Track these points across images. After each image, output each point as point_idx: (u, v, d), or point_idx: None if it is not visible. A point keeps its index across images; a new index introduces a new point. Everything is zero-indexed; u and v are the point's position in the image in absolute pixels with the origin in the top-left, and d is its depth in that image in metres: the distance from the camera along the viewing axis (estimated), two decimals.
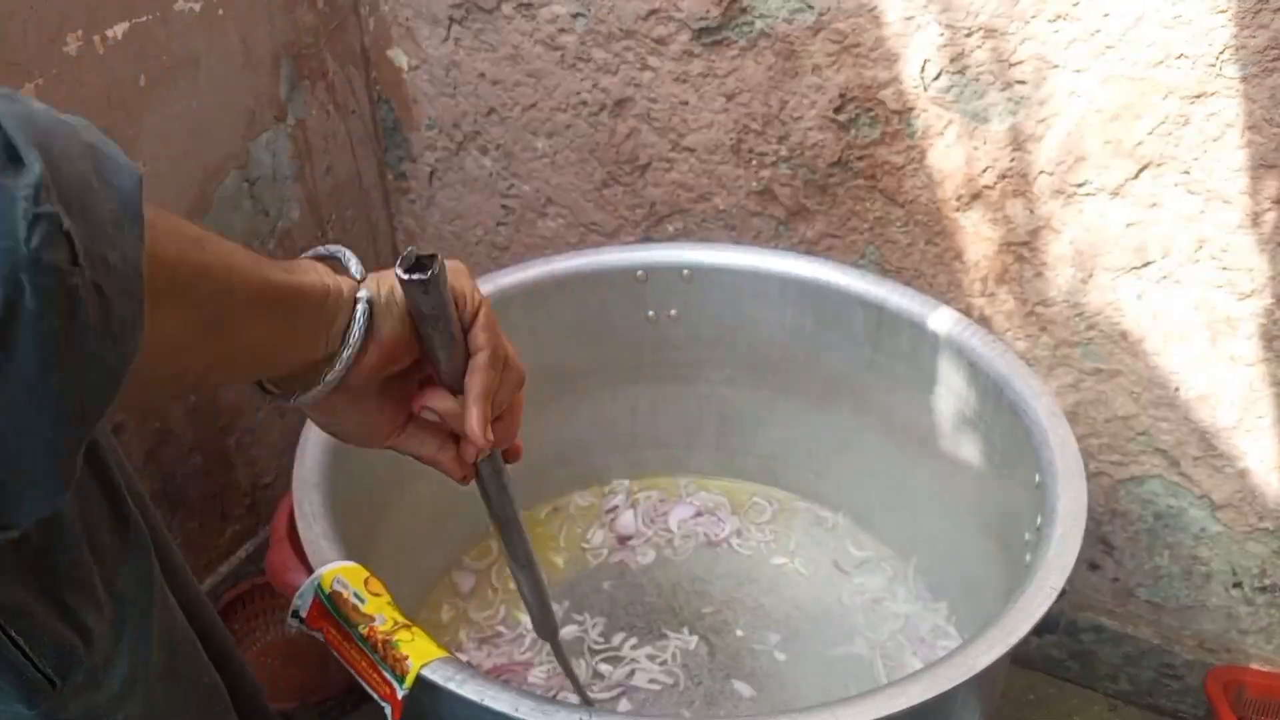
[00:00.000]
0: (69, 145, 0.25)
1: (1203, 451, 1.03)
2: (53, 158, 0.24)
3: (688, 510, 1.20)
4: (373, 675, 0.68)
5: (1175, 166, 0.92)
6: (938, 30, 0.96)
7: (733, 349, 1.14)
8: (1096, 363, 1.05)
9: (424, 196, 1.37)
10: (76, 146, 0.26)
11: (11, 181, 0.23)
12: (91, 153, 0.26)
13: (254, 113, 1.14)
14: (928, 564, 1.10)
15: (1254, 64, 0.85)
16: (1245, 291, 0.95)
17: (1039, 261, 1.02)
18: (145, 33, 0.97)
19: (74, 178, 0.24)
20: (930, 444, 1.04)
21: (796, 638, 1.05)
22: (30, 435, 0.24)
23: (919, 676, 0.66)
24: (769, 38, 1.04)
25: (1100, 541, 1.14)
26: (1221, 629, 1.12)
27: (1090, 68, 0.91)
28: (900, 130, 1.02)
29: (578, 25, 1.13)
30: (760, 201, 1.14)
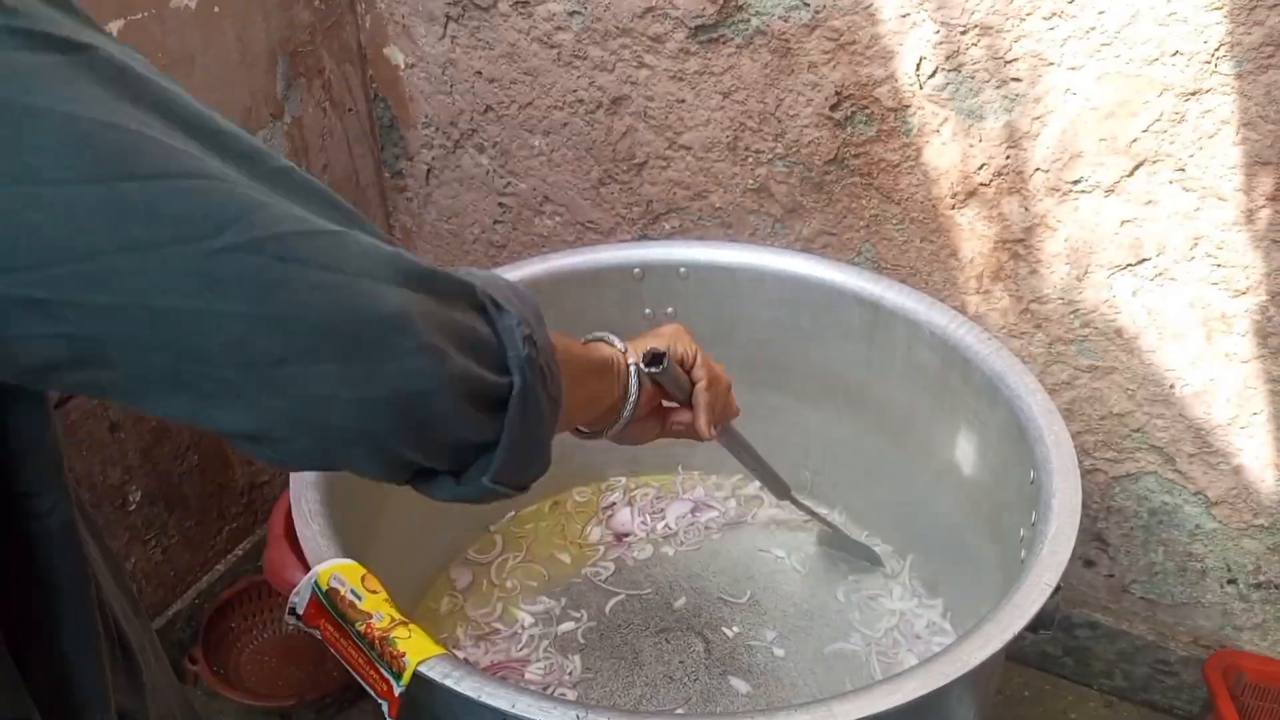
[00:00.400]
0: (507, 290, 0.44)
1: (1198, 448, 1.04)
2: (511, 303, 0.43)
3: (684, 507, 1.20)
4: (370, 672, 0.68)
5: (1170, 164, 0.92)
6: (933, 28, 0.96)
7: (729, 346, 1.14)
8: (1091, 360, 1.05)
9: (421, 194, 1.37)
10: (508, 289, 0.44)
11: (507, 321, 0.42)
12: (512, 289, 0.45)
13: (250, 110, 1.14)
14: (923, 560, 1.11)
15: (1249, 61, 0.86)
16: (1240, 288, 0.95)
17: (1034, 259, 1.03)
18: (140, 30, 0.97)
19: (521, 308, 0.43)
20: (925, 441, 1.05)
21: (792, 634, 1.05)
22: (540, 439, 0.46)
23: (914, 672, 0.66)
24: (765, 35, 1.04)
25: (1095, 538, 1.14)
26: (1216, 625, 1.12)
27: (1085, 65, 0.91)
28: (896, 128, 1.03)
29: (574, 23, 1.13)
30: (756, 199, 1.15)
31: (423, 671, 0.65)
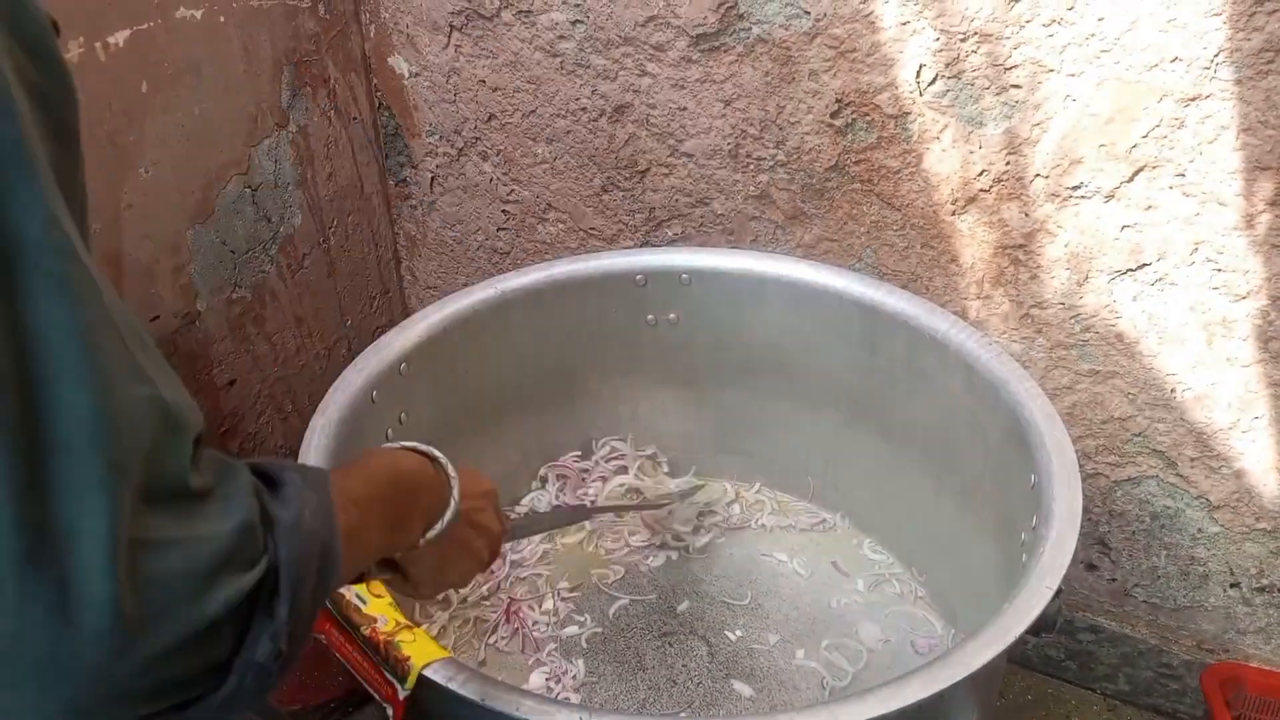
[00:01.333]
0: (311, 564, 0.40)
1: (1199, 452, 1.04)
2: (297, 591, 0.39)
3: (691, 510, 1.21)
4: (375, 676, 0.69)
5: (1170, 169, 0.93)
6: (933, 35, 0.96)
7: (731, 352, 1.15)
8: (1093, 364, 1.05)
9: (425, 202, 1.38)
10: (313, 560, 0.40)
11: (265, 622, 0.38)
12: (323, 555, 0.41)
13: (256, 119, 1.15)
14: (925, 564, 1.11)
15: (1248, 67, 0.86)
16: (1241, 293, 0.95)
17: (1035, 264, 1.03)
18: (147, 40, 0.98)
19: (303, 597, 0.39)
20: (927, 446, 1.05)
21: (795, 638, 1.05)
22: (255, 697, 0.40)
23: (916, 675, 0.66)
24: (766, 44, 1.05)
25: (1098, 542, 1.14)
26: (1219, 629, 1.13)
27: (1085, 71, 0.92)
28: (896, 134, 1.03)
29: (577, 32, 1.14)
30: (758, 206, 1.15)
31: (427, 675, 0.66)
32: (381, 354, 0.96)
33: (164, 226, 1.06)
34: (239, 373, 1.20)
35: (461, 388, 1.06)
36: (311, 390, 1.30)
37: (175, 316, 1.10)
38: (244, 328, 1.19)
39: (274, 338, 1.24)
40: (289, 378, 1.28)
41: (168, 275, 1.08)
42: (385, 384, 0.95)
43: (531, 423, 1.18)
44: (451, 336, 1.03)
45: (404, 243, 1.44)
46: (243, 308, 1.18)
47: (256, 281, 1.20)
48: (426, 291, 1.47)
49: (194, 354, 1.13)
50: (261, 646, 0.38)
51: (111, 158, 0.98)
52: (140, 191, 1.01)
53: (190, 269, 1.10)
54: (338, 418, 0.88)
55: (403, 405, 0.98)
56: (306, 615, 0.40)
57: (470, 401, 1.08)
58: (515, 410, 1.13)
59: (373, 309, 1.43)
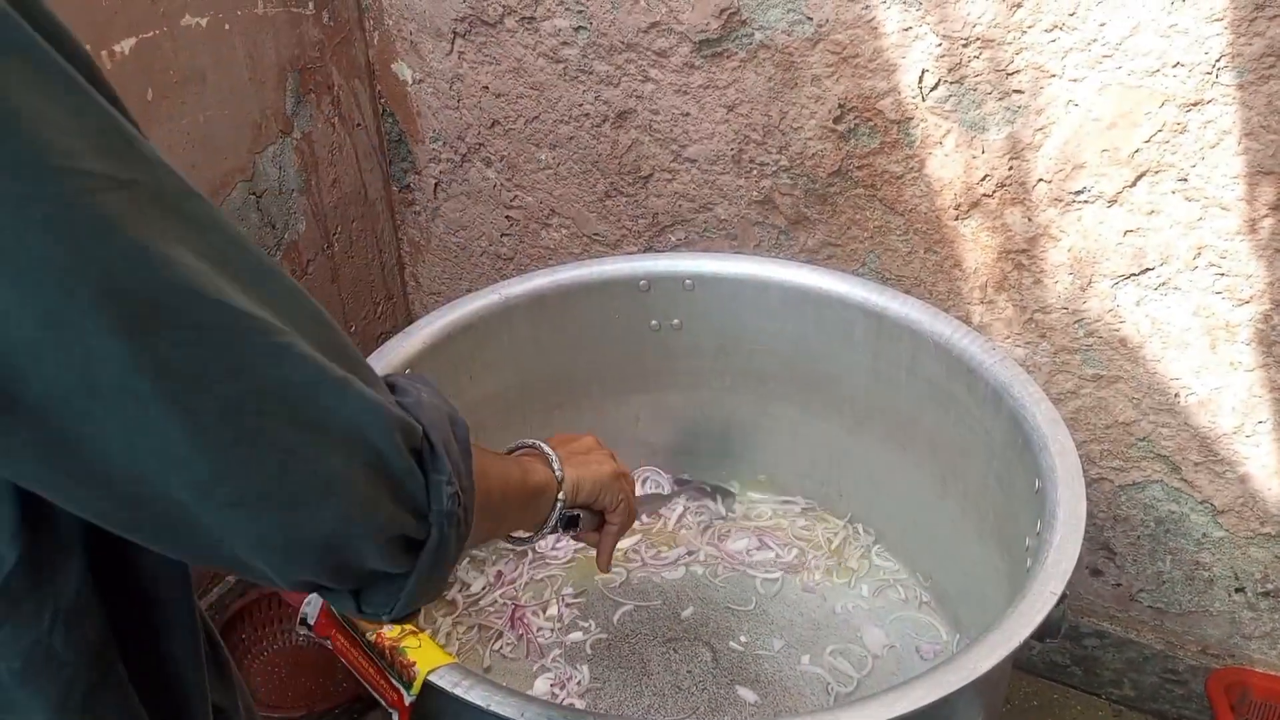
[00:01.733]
0: (446, 428, 0.45)
1: (1203, 457, 1.04)
2: (448, 447, 0.45)
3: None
4: (380, 681, 0.69)
5: (1173, 174, 0.93)
6: (935, 41, 0.97)
7: (734, 357, 1.15)
8: (1096, 369, 1.05)
9: (429, 208, 1.39)
10: (447, 425, 0.46)
11: (438, 474, 0.44)
12: (451, 422, 0.46)
13: (260, 126, 1.15)
14: (930, 569, 1.11)
15: (1250, 71, 0.86)
16: (1244, 297, 0.95)
17: (1038, 269, 1.03)
18: (152, 47, 0.99)
19: (453, 454, 0.45)
20: (931, 451, 1.05)
21: (800, 644, 1.05)
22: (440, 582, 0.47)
23: (920, 680, 0.66)
24: (768, 49, 1.05)
25: (1102, 547, 1.14)
26: (1225, 634, 1.12)
27: (1087, 77, 0.92)
28: (899, 140, 1.03)
29: (580, 38, 1.14)
30: (761, 211, 1.15)
31: (433, 681, 0.66)
32: (385, 360, 0.96)
33: None
34: None
35: (465, 393, 1.06)
36: None
37: None
38: None
39: None
40: None
41: None
42: None
43: (535, 428, 1.18)
44: (455, 342, 1.03)
45: (408, 248, 1.45)
46: None
47: None
48: (430, 297, 1.47)
49: None
50: (444, 492, 0.43)
51: None
52: None
53: None
54: None
55: None
56: (463, 469, 0.46)
57: (474, 407, 1.08)
58: (518, 416, 1.13)
59: (376, 315, 1.43)
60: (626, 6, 1.09)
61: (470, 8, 1.18)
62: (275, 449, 0.37)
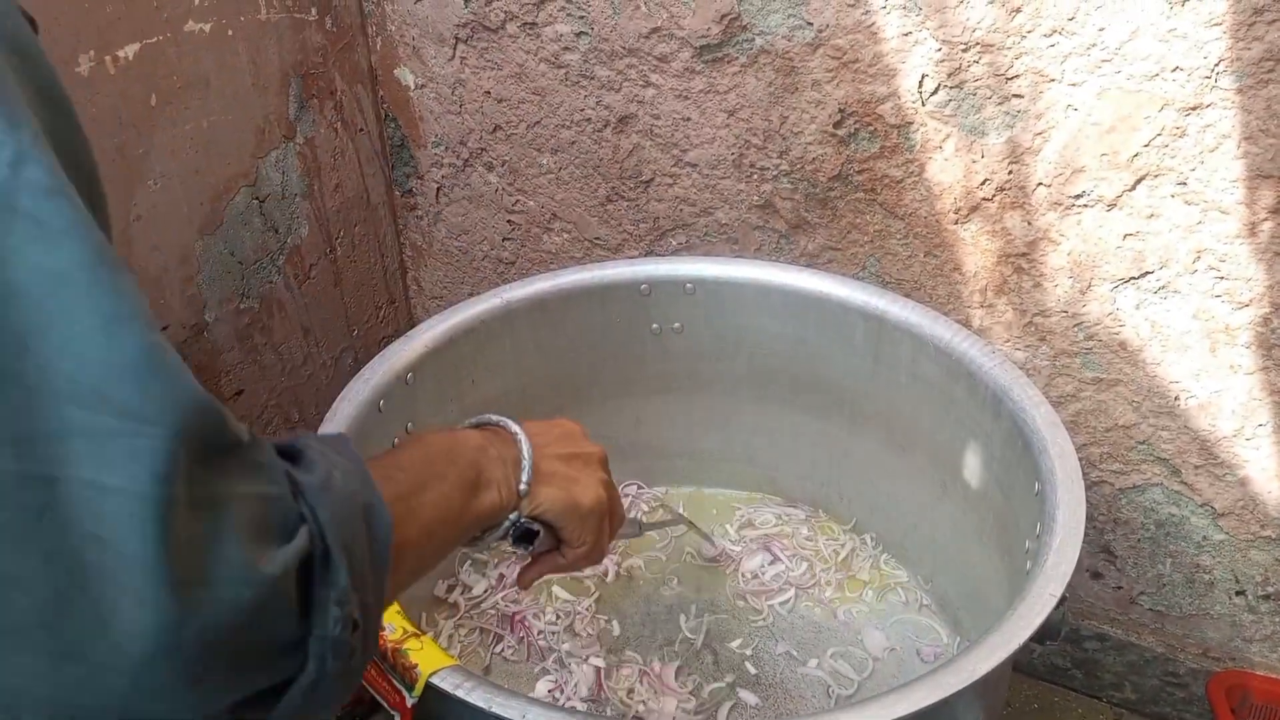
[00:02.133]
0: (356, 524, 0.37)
1: (1204, 460, 1.04)
2: (350, 551, 0.35)
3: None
4: (382, 684, 0.69)
5: (1172, 178, 0.93)
6: (935, 46, 0.97)
7: (735, 361, 1.15)
8: (1096, 372, 1.05)
9: (431, 213, 1.39)
10: (358, 521, 0.37)
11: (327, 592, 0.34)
12: (366, 514, 0.37)
13: (263, 131, 1.16)
14: (930, 572, 1.11)
15: (1249, 76, 0.86)
16: (1244, 301, 0.95)
17: (1037, 272, 1.03)
18: (156, 53, 0.99)
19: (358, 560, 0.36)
20: (931, 454, 1.05)
21: (801, 647, 1.06)
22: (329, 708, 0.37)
23: (920, 683, 0.66)
24: (769, 54, 1.05)
25: (1103, 550, 1.14)
26: (1226, 637, 1.12)
27: (1086, 81, 0.92)
28: (899, 144, 1.04)
29: (581, 43, 1.15)
30: (762, 215, 1.16)
31: (435, 683, 0.66)
32: (388, 364, 0.97)
33: (173, 238, 1.07)
34: (246, 383, 1.21)
35: (467, 397, 1.06)
36: (318, 400, 1.31)
37: (184, 327, 1.10)
38: (251, 338, 1.20)
39: (281, 348, 1.25)
40: (296, 388, 1.29)
41: (176, 286, 1.08)
42: (392, 394, 0.95)
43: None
44: (457, 346, 1.04)
45: (410, 253, 1.45)
46: (250, 318, 1.19)
47: (264, 292, 1.21)
48: (432, 301, 1.48)
49: (202, 364, 1.14)
50: (330, 616, 0.34)
51: (121, 170, 0.99)
52: (149, 203, 1.02)
53: (199, 280, 1.11)
54: (345, 428, 0.88)
55: (409, 415, 0.98)
56: (371, 581, 0.37)
57: (476, 411, 1.07)
58: (520, 419, 1.13)
59: (379, 319, 1.44)
60: (628, 12, 1.10)
61: (472, 13, 1.19)
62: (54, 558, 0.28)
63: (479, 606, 1.10)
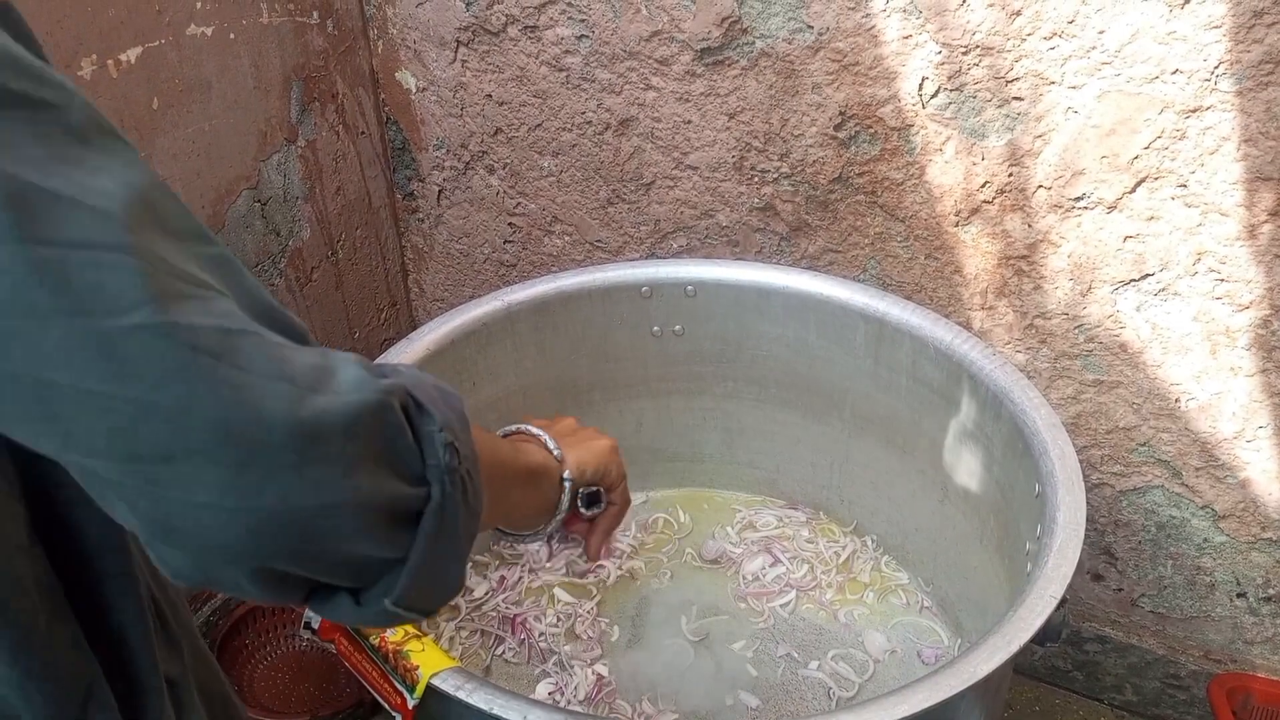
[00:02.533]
0: (432, 391, 0.40)
1: (1204, 462, 1.04)
2: (435, 405, 0.39)
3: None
4: (383, 685, 0.69)
5: (1172, 180, 0.93)
6: (935, 49, 0.97)
7: (736, 363, 1.15)
8: (1097, 374, 1.06)
9: (432, 215, 1.39)
10: (434, 391, 0.40)
11: (429, 426, 0.38)
12: (441, 392, 0.41)
13: (265, 134, 1.16)
14: (930, 574, 1.11)
15: (1249, 78, 0.87)
16: (1244, 303, 0.96)
17: (1038, 275, 1.04)
18: (158, 57, 0.99)
19: (444, 412, 0.39)
20: (931, 456, 1.05)
21: (802, 649, 1.06)
22: (456, 560, 0.41)
23: (920, 685, 0.66)
24: (770, 57, 1.06)
25: (1103, 552, 1.14)
26: (1227, 639, 1.12)
27: (1086, 84, 0.93)
28: (899, 147, 1.04)
29: (582, 47, 1.15)
30: (762, 218, 1.16)
31: (436, 684, 0.66)
32: None
33: None
34: None
35: (469, 399, 1.05)
36: None
37: None
38: None
39: None
40: None
41: None
42: None
43: None
44: (458, 348, 1.04)
45: (411, 255, 1.45)
46: None
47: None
48: (433, 304, 1.48)
49: None
50: (438, 443, 0.38)
51: None
52: None
53: None
54: None
55: None
56: (460, 433, 0.40)
57: (477, 413, 1.07)
58: (521, 421, 1.14)
59: (380, 321, 1.44)
60: (628, 15, 1.10)
61: (473, 17, 1.19)
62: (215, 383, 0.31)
63: (480, 609, 1.10)
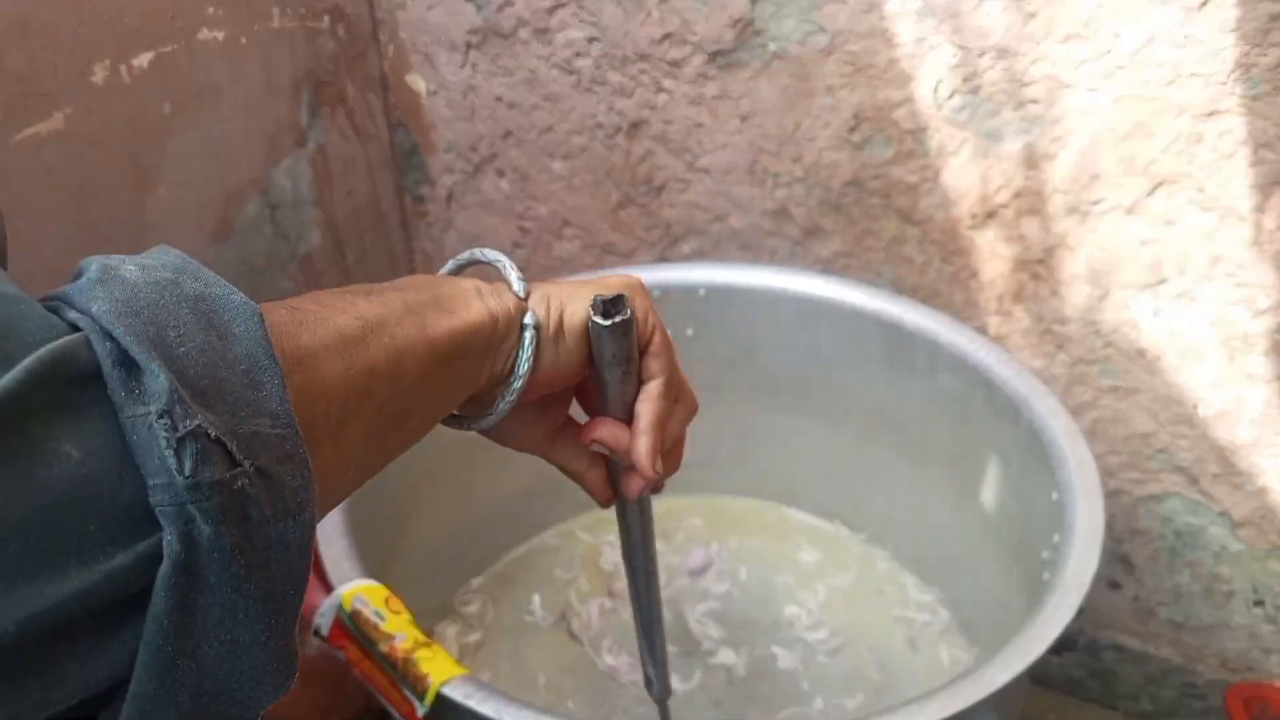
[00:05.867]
0: (177, 314, 0.23)
1: (1222, 469, 1.03)
2: (169, 348, 0.22)
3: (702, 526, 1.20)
4: (393, 693, 0.69)
5: (1189, 184, 0.92)
6: (950, 51, 0.96)
7: (749, 369, 1.15)
8: (1114, 380, 1.05)
9: (442, 219, 1.39)
10: (184, 311, 0.23)
11: (140, 407, 0.20)
12: (200, 307, 0.24)
13: (275, 139, 1.16)
14: (947, 582, 1.10)
15: (1266, 82, 0.86)
16: (1262, 308, 0.95)
17: (1055, 280, 1.03)
18: (170, 62, 0.99)
19: (196, 357, 0.22)
20: (947, 462, 1.04)
21: (814, 657, 1.05)
22: (248, 647, 0.23)
23: (936, 695, 0.66)
24: (782, 60, 1.05)
25: (1120, 560, 1.13)
26: (1244, 648, 1.11)
27: (1102, 87, 0.92)
28: (914, 150, 1.03)
29: (593, 49, 1.14)
30: (775, 221, 1.15)
31: (446, 692, 0.66)
32: None
33: (185, 245, 1.06)
34: None
35: None
36: None
37: None
38: None
39: None
40: None
41: None
42: None
43: None
44: None
45: (421, 259, 1.45)
46: None
47: (275, 299, 1.21)
48: None
49: None
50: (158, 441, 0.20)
51: (133, 177, 0.99)
52: (161, 210, 1.03)
53: None
54: None
55: None
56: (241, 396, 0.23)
57: None
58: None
59: None
60: (640, 18, 1.09)
61: (484, 20, 1.19)
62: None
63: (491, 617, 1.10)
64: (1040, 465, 0.88)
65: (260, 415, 0.22)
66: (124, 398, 0.20)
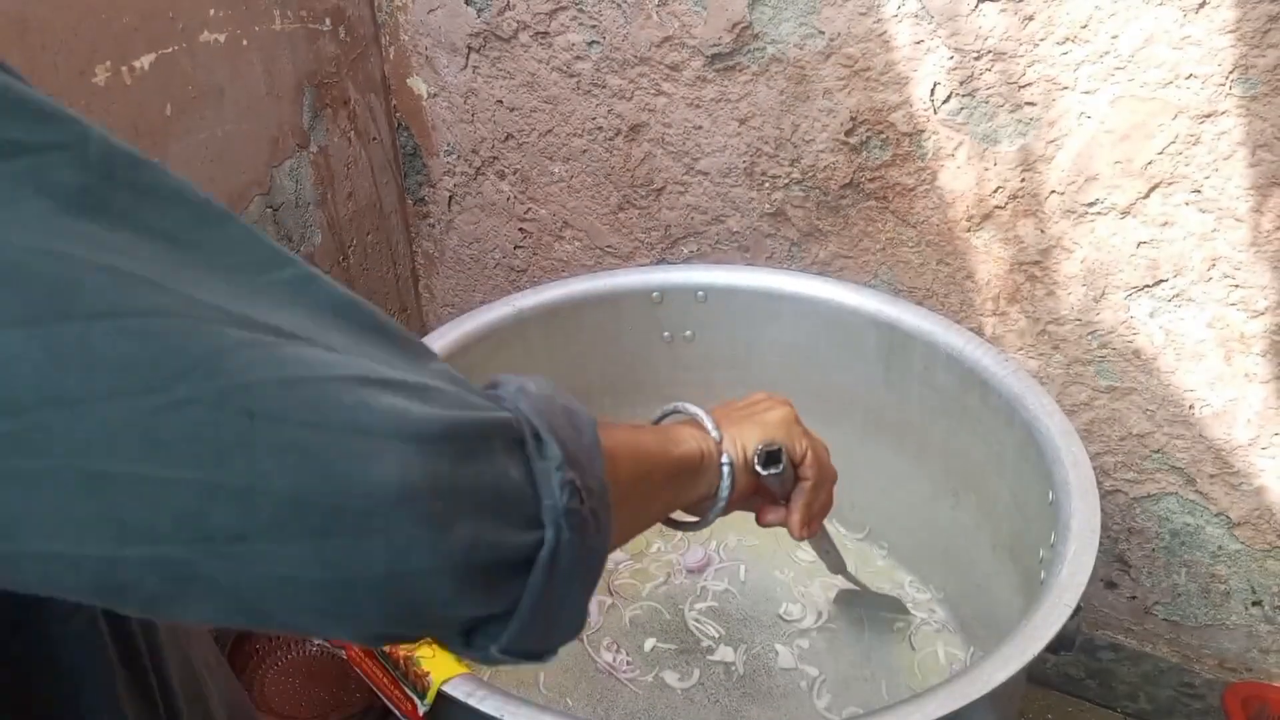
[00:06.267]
0: (559, 416, 0.37)
1: (1219, 469, 1.03)
2: (559, 433, 0.36)
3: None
4: (394, 691, 0.69)
5: (1186, 185, 0.93)
6: (947, 54, 0.97)
7: (747, 369, 1.15)
8: (1110, 381, 1.05)
9: (443, 221, 1.39)
10: (560, 414, 0.37)
11: (543, 462, 0.35)
12: (567, 414, 0.38)
13: (277, 140, 1.16)
14: (943, 582, 1.11)
15: (1263, 83, 0.86)
16: (1259, 309, 0.95)
17: (1051, 281, 1.03)
18: (171, 63, 1.00)
19: (569, 441, 0.36)
20: (944, 463, 1.05)
21: (812, 656, 1.05)
22: (575, 604, 0.37)
23: (933, 693, 0.66)
24: (780, 63, 1.05)
25: (1117, 560, 1.14)
26: (1242, 648, 1.12)
27: (1099, 89, 0.92)
28: (911, 152, 1.04)
29: (593, 52, 1.15)
30: (773, 223, 1.16)
31: (447, 691, 0.66)
32: None
33: None
34: None
35: None
36: None
37: None
38: None
39: None
40: None
41: None
42: None
43: None
44: (469, 354, 1.04)
45: (422, 261, 1.45)
46: None
47: None
48: (444, 309, 1.48)
49: None
50: (554, 482, 0.34)
51: None
52: None
53: None
54: None
55: None
56: (588, 466, 0.36)
57: None
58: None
59: None
60: (639, 21, 1.10)
61: (485, 23, 1.19)
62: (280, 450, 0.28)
63: None
64: (1036, 465, 0.88)
65: (593, 478, 0.37)
66: (536, 456, 0.35)
